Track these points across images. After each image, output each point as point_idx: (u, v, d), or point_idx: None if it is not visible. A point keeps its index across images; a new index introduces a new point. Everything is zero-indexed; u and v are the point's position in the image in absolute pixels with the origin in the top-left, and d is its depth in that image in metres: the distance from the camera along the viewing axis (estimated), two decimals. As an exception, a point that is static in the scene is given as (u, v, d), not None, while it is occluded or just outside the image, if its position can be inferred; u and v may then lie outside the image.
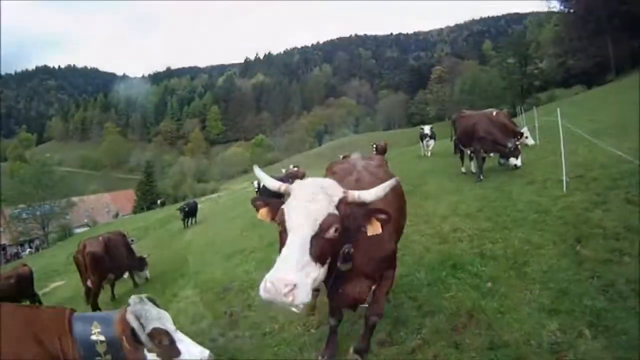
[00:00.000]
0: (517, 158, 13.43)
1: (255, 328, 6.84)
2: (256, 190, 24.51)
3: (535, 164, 14.16)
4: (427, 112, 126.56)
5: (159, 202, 76.48)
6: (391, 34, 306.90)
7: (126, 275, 14.10)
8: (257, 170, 4.22)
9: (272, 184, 4.03)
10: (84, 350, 3.70)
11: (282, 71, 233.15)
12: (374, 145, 27.66)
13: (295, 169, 32.77)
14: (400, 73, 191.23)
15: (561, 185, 10.24)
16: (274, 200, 3.88)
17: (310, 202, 3.47)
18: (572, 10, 67.80)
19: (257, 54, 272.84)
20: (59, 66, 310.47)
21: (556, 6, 75.38)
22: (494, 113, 14.86)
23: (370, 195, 3.73)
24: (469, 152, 15.33)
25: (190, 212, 29.90)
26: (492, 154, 14.44)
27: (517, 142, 13.45)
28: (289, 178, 25.15)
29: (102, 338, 3.77)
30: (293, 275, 3.11)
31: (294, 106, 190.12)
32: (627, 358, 4.32)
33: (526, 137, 15.94)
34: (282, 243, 3.43)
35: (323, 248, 3.41)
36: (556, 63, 76.84)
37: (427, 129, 27.00)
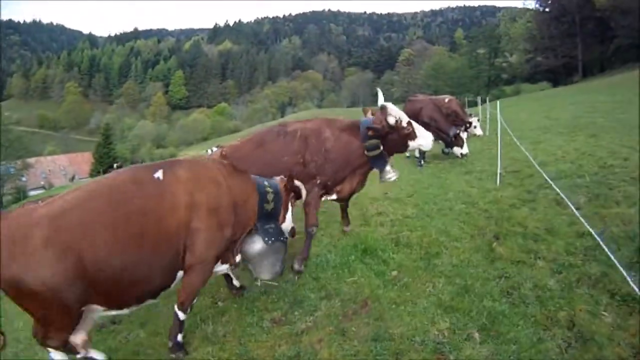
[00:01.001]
0: (461, 147, 13.29)
1: (172, 296, 6.58)
2: (207, 158, 24.18)
3: (479, 155, 14.18)
4: (392, 93, 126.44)
5: (115, 165, 75.05)
6: (365, 12, 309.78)
7: None
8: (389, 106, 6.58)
9: (392, 119, 6.40)
10: (260, 196, 5.40)
11: (251, 40, 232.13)
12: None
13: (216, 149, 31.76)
14: (369, 52, 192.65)
15: (495, 178, 10.13)
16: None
17: None
18: (546, 10, 68.60)
19: (226, 21, 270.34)
20: (24, 20, 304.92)
21: (531, 3, 76.42)
22: (447, 100, 14.83)
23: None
24: (413, 136, 15.06)
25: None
26: (440, 142, 14.24)
27: (459, 131, 13.32)
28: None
29: (270, 190, 5.50)
30: None
31: (260, 76, 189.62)
32: (510, 369, 4.10)
33: (474, 127, 15.83)
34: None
35: None
36: (525, 58, 77.75)
37: (385, 109, 26.73)
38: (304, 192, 6.05)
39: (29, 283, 3.77)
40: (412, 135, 6.50)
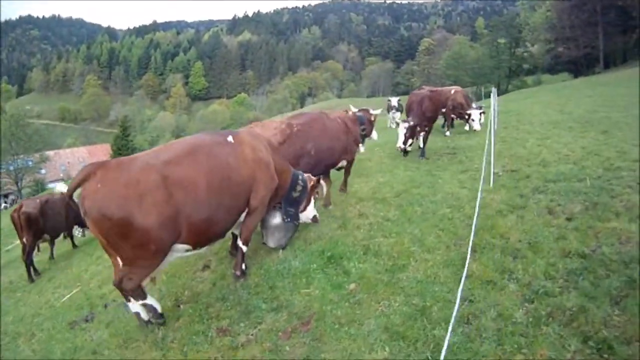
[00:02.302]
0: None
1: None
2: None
3: (482, 151, 13.31)
4: (412, 82, 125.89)
5: (132, 157, 75.15)
6: (385, 1, 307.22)
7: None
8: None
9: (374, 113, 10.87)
10: (292, 183, 7.07)
11: (271, 30, 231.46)
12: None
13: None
14: (390, 42, 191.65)
15: (490, 178, 9.32)
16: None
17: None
18: (567, -2, 66.86)
19: (245, 12, 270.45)
20: (43, 16, 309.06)
21: (551, -9, 74.68)
22: (452, 91, 14.86)
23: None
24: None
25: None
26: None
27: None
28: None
29: (301, 183, 7.14)
30: None
31: (280, 66, 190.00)
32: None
33: (472, 120, 15.31)
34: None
35: None
36: (546, 49, 76.26)
37: (394, 100, 26.37)
38: (324, 190, 9.12)
39: (139, 222, 4.69)
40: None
